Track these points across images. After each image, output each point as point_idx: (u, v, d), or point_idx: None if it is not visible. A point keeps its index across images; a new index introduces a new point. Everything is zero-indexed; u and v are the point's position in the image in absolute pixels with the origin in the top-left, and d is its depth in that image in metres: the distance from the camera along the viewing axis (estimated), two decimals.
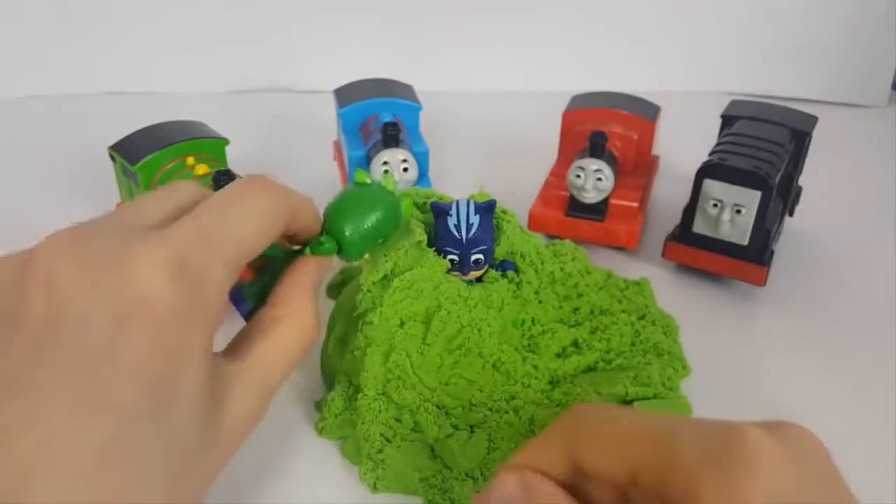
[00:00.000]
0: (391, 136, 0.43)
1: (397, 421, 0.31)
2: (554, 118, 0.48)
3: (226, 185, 0.27)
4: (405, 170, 0.43)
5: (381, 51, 0.68)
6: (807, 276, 0.45)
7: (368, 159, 0.44)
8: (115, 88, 0.68)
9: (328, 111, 0.52)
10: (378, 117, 0.47)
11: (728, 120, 0.45)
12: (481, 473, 0.30)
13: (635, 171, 0.47)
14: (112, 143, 0.43)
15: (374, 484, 0.31)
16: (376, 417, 0.30)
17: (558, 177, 0.47)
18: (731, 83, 0.70)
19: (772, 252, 0.42)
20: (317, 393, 0.35)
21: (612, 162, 0.44)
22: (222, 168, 0.42)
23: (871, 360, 0.38)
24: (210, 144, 0.43)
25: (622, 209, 0.45)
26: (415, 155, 0.44)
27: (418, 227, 0.32)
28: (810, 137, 0.44)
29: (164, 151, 0.41)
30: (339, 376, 0.33)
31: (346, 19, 0.68)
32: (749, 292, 0.43)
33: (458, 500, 0.30)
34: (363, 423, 0.30)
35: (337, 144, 0.53)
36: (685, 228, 0.42)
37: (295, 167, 0.55)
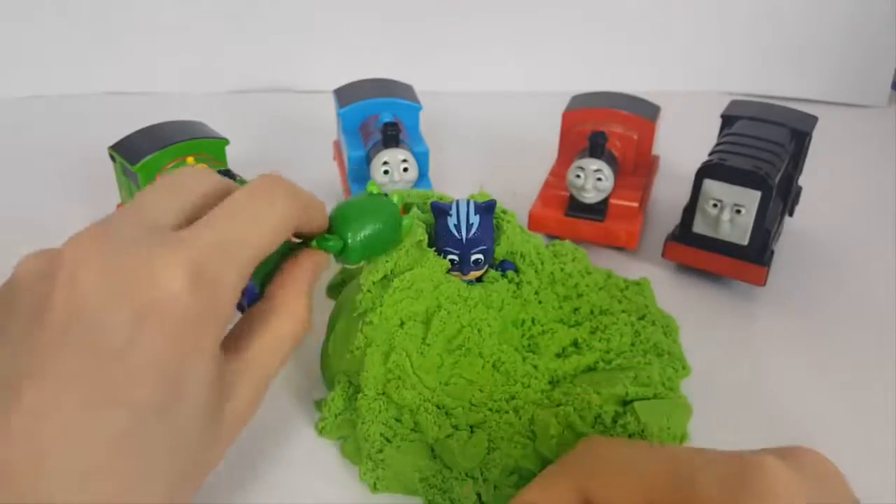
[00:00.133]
0: (391, 136, 0.43)
1: (397, 421, 0.31)
2: (554, 118, 0.48)
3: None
4: (405, 170, 0.43)
5: (381, 51, 0.68)
6: (807, 276, 0.45)
7: (368, 159, 0.44)
8: (115, 88, 0.68)
9: (328, 111, 0.52)
10: (378, 117, 0.47)
11: (728, 120, 0.45)
12: (481, 473, 0.30)
13: (635, 171, 0.47)
14: (112, 143, 0.43)
15: (374, 484, 0.31)
16: (376, 417, 0.30)
17: (558, 177, 0.47)
18: (731, 83, 0.70)
19: (772, 252, 0.42)
20: (317, 393, 0.35)
21: (612, 162, 0.44)
22: (222, 168, 0.43)
23: (871, 359, 0.38)
24: (210, 144, 0.43)
25: (622, 209, 0.45)
26: (415, 155, 0.44)
27: (419, 226, 0.32)
28: (810, 137, 0.44)
29: (164, 151, 0.41)
30: (339, 376, 0.33)
31: (346, 19, 0.68)
32: (749, 292, 0.43)
33: (458, 500, 0.30)
34: (363, 423, 0.30)
35: (337, 144, 0.53)
36: (685, 228, 0.42)
37: (295, 167, 0.55)
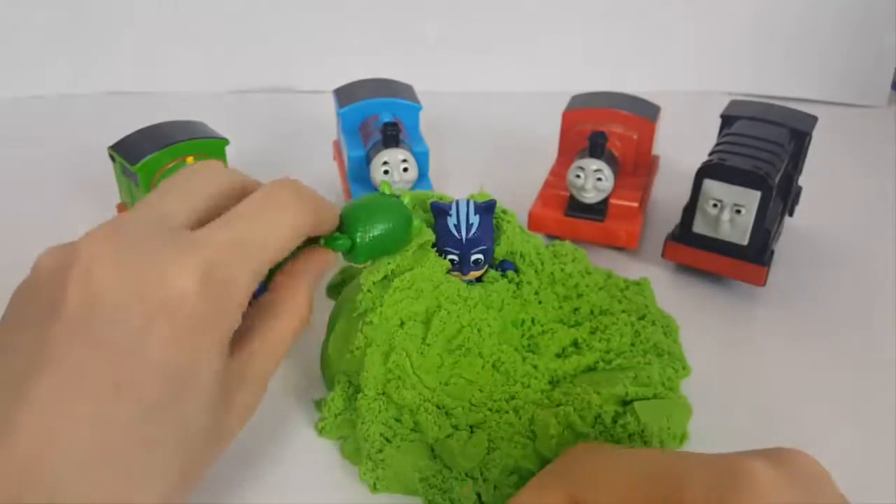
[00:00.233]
0: (391, 136, 0.43)
1: (397, 421, 0.31)
2: (554, 118, 0.48)
3: None
4: (405, 170, 0.43)
5: (381, 51, 0.68)
6: (807, 276, 0.45)
7: (368, 159, 0.44)
8: (115, 88, 0.68)
9: (328, 111, 0.52)
10: (378, 117, 0.47)
11: (728, 120, 0.45)
12: (481, 473, 0.30)
13: (635, 171, 0.47)
14: (112, 143, 0.43)
15: (374, 484, 0.31)
16: (376, 417, 0.30)
17: (558, 177, 0.47)
18: (731, 83, 0.70)
19: (772, 252, 0.42)
20: (317, 393, 0.35)
21: (612, 162, 0.44)
22: None
23: (871, 359, 0.38)
24: (210, 144, 0.43)
25: (622, 209, 0.45)
26: (415, 155, 0.44)
27: (426, 228, 0.32)
28: (810, 137, 0.44)
29: (164, 151, 0.41)
30: (339, 376, 0.33)
31: (346, 19, 0.68)
32: (749, 292, 0.43)
33: (458, 500, 0.30)
34: (363, 423, 0.30)
35: (337, 144, 0.53)
36: (685, 228, 0.42)
37: (295, 167, 0.55)
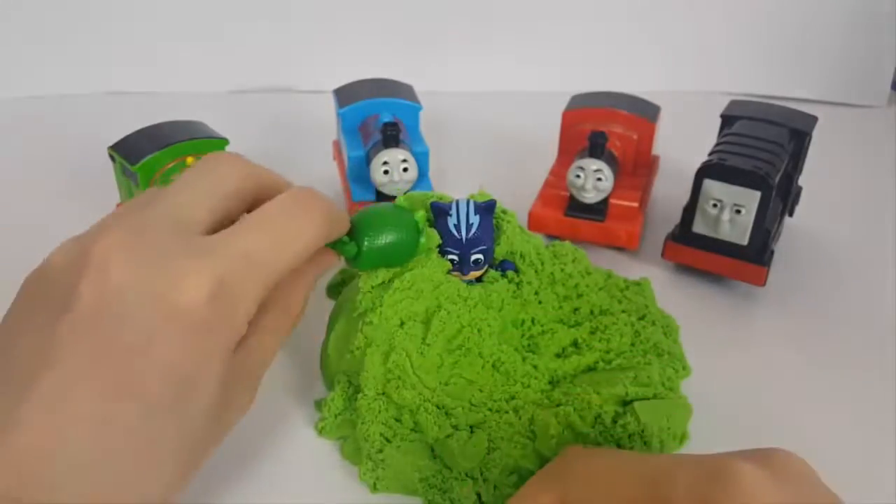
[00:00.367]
0: (391, 136, 0.43)
1: (397, 421, 0.31)
2: (554, 118, 0.48)
3: None
4: (405, 170, 0.43)
5: (381, 51, 0.68)
6: (807, 276, 0.45)
7: (368, 159, 0.44)
8: (115, 88, 0.68)
9: (328, 111, 0.52)
10: (378, 117, 0.47)
11: (728, 120, 0.45)
12: (481, 473, 0.30)
13: (635, 171, 0.47)
14: (112, 143, 0.43)
15: (374, 484, 0.31)
16: (376, 417, 0.30)
17: (558, 177, 0.47)
18: (731, 83, 0.70)
19: (772, 252, 0.42)
20: (317, 393, 0.35)
21: (611, 162, 0.44)
22: None
23: (870, 359, 0.38)
24: (210, 144, 0.43)
25: (622, 209, 0.45)
26: (415, 155, 0.44)
27: (433, 233, 0.32)
28: (810, 137, 0.44)
29: (164, 151, 0.41)
30: (339, 376, 0.33)
31: (347, 19, 0.68)
32: (749, 292, 0.43)
33: (458, 500, 0.30)
34: (363, 423, 0.30)
35: (337, 144, 0.53)
36: (685, 228, 0.42)
37: (295, 167, 0.55)
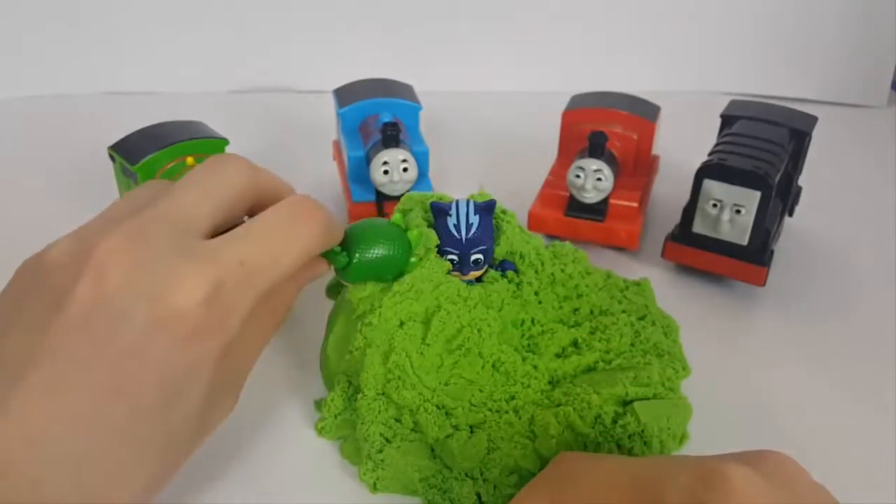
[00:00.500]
0: (391, 136, 0.43)
1: (397, 421, 0.31)
2: (554, 118, 0.48)
3: None
4: (405, 170, 0.43)
5: (381, 51, 0.68)
6: (807, 276, 0.45)
7: (368, 159, 0.44)
8: (115, 88, 0.68)
9: (328, 111, 0.52)
10: (378, 117, 0.47)
11: (728, 120, 0.45)
12: (481, 473, 0.30)
13: (635, 171, 0.47)
14: (112, 143, 0.43)
15: (374, 484, 0.31)
16: (376, 417, 0.30)
17: (558, 177, 0.47)
18: (731, 83, 0.70)
19: (772, 252, 0.42)
20: (317, 393, 0.35)
21: (611, 162, 0.44)
22: None
23: (871, 360, 0.38)
24: (210, 144, 0.43)
25: (622, 209, 0.45)
26: (415, 155, 0.44)
27: (431, 233, 0.32)
28: (810, 137, 0.44)
29: (164, 151, 0.41)
30: (339, 377, 0.33)
31: (346, 19, 0.68)
32: (749, 292, 0.43)
33: (458, 500, 0.30)
34: (363, 424, 0.30)
35: (336, 144, 0.53)
36: (685, 228, 0.42)
37: (295, 167, 0.55)
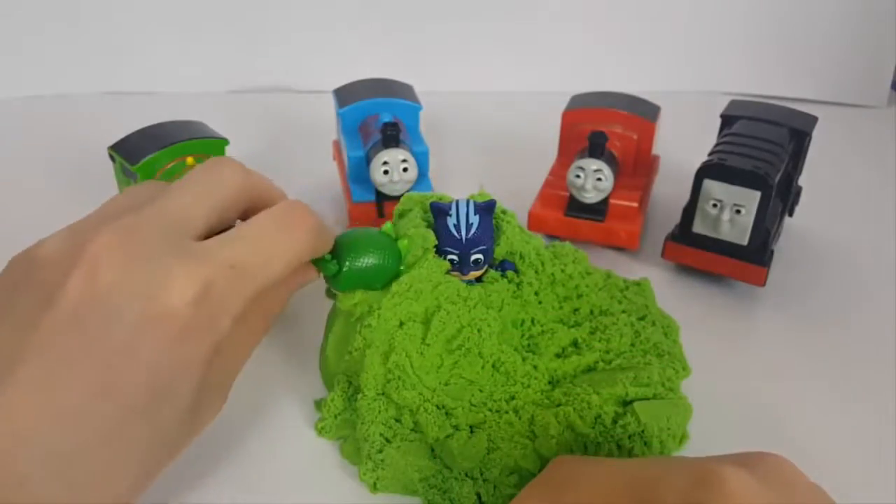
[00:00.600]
0: (391, 136, 0.43)
1: (397, 421, 0.31)
2: (554, 118, 0.48)
3: None
4: (405, 170, 0.43)
5: (381, 51, 0.68)
6: (807, 277, 0.45)
7: (368, 159, 0.44)
8: (115, 88, 0.68)
9: (328, 111, 0.52)
10: (378, 117, 0.47)
11: (728, 120, 0.45)
12: (481, 473, 0.30)
13: (635, 171, 0.47)
14: (112, 143, 0.43)
15: (374, 484, 0.31)
16: (376, 418, 0.30)
17: (558, 177, 0.47)
18: (731, 83, 0.70)
19: (772, 252, 0.42)
20: (317, 393, 0.35)
21: (611, 162, 0.44)
22: None
23: (871, 359, 0.38)
24: (210, 144, 0.43)
25: (622, 209, 0.45)
26: (415, 155, 0.44)
27: (429, 233, 0.32)
28: (810, 137, 0.44)
29: (164, 151, 0.41)
30: (339, 377, 0.33)
31: (346, 19, 0.68)
32: (749, 292, 0.43)
33: (458, 500, 0.30)
34: (363, 424, 0.30)
35: (336, 144, 0.53)
36: (685, 228, 0.42)
37: (295, 167, 0.55)
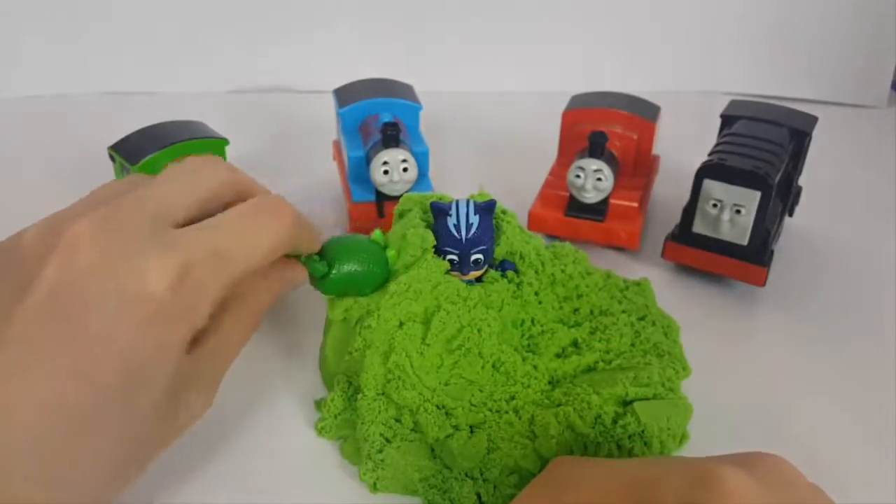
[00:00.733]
0: (391, 136, 0.43)
1: (397, 421, 0.31)
2: (554, 118, 0.48)
3: None
4: (405, 170, 0.43)
5: (381, 51, 0.68)
6: (807, 277, 0.45)
7: (368, 159, 0.44)
8: (115, 88, 0.68)
9: (328, 111, 0.52)
10: (378, 117, 0.47)
11: (728, 120, 0.45)
12: (481, 473, 0.30)
13: (635, 171, 0.47)
14: (112, 143, 0.43)
15: (374, 484, 0.31)
16: (376, 418, 0.30)
17: (558, 177, 0.47)
18: (731, 83, 0.70)
19: (772, 252, 0.42)
20: (317, 393, 0.35)
21: (611, 162, 0.44)
22: None
23: (871, 359, 0.38)
24: (210, 144, 0.43)
25: (622, 209, 0.45)
26: (415, 155, 0.44)
27: (427, 233, 0.32)
28: (810, 137, 0.44)
29: (164, 151, 0.41)
30: (339, 377, 0.33)
31: (346, 19, 0.68)
32: (749, 292, 0.43)
33: (458, 500, 0.30)
34: (363, 424, 0.30)
35: (336, 144, 0.53)
36: (685, 228, 0.42)
37: (295, 167, 0.55)
